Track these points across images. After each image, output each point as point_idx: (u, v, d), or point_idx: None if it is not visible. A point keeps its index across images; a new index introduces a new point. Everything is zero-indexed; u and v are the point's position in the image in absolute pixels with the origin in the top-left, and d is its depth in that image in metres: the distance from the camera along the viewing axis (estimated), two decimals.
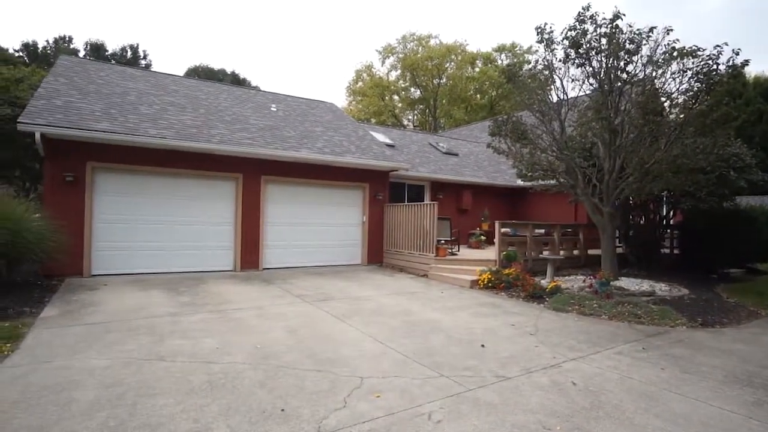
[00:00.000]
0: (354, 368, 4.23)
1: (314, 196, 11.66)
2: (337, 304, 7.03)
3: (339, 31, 62.33)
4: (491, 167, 18.07)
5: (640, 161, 7.28)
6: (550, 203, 15.41)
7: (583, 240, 12.39)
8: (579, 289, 8.08)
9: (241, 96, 13.96)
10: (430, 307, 7.07)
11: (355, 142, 12.85)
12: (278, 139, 11.21)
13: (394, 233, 12.00)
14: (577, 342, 5.38)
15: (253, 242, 10.53)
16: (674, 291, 8.24)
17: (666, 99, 7.19)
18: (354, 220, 12.27)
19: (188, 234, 9.85)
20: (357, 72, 38.06)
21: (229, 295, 7.57)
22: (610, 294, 7.39)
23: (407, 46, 35.96)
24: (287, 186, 11.26)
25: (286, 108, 14.11)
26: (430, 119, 37.01)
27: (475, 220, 15.47)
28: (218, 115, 11.45)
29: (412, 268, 11.07)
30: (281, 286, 8.60)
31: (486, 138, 23.27)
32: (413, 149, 16.74)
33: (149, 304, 6.70)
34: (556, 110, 8.46)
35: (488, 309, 7.10)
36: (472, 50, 36.42)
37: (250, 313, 6.27)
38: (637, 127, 7.20)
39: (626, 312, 6.73)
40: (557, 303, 7.31)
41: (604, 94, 7.52)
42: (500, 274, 8.96)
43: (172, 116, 10.39)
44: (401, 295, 8.01)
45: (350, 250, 12.16)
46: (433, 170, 15.09)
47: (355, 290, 8.41)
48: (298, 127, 12.58)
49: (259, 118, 12.24)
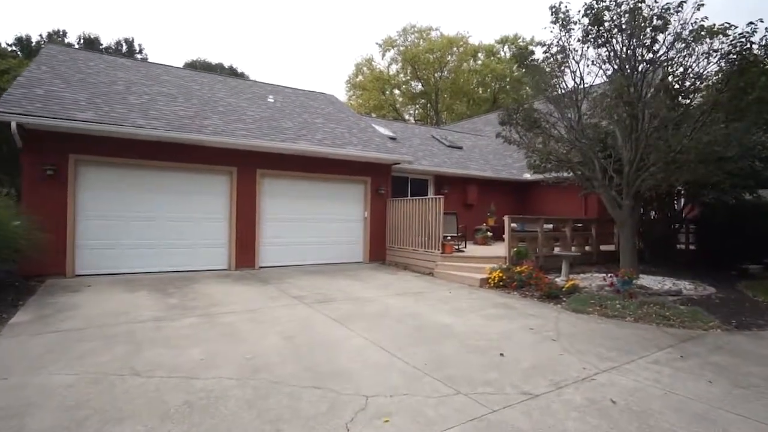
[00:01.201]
0: (357, 384, 3.68)
1: (313, 190, 11.10)
2: (337, 307, 6.48)
3: (338, 25, 61.54)
4: (496, 161, 17.48)
5: (665, 149, 6.69)
6: (558, 197, 14.83)
7: (595, 235, 11.82)
8: (598, 288, 7.51)
9: (236, 87, 13.36)
10: (439, 309, 6.51)
11: (357, 134, 12.27)
12: (275, 130, 10.63)
13: (398, 229, 11.43)
14: (606, 349, 4.82)
15: (248, 240, 9.97)
16: (699, 289, 7.68)
17: (695, 81, 6.58)
18: (355, 215, 11.71)
19: (180, 231, 9.29)
20: (357, 66, 37.37)
21: (220, 296, 7.02)
22: (633, 293, 6.83)
23: (408, 39, 35.24)
24: (285, 180, 10.69)
25: (284, 99, 13.52)
26: (432, 114, 36.36)
27: (480, 216, 14.89)
28: (212, 106, 10.86)
29: (417, 265, 10.51)
30: (278, 286, 8.04)
31: (490, 131, 22.80)
32: (416, 142, 16.16)
33: (133, 307, 6.14)
34: (572, 96, 7.86)
35: (502, 310, 6.54)
36: (474, 42, 35.75)
37: (242, 318, 5.71)
38: (663, 112, 6.60)
39: (653, 313, 6.17)
40: (576, 303, 6.74)
41: (626, 77, 6.91)
42: (512, 272, 8.39)
43: (163, 107, 9.81)
44: (407, 296, 7.45)
45: (351, 248, 11.60)
46: (437, 164, 14.51)
47: (357, 290, 7.86)
48: (296, 118, 12.00)
49: (255, 110, 11.65)
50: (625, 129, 7.49)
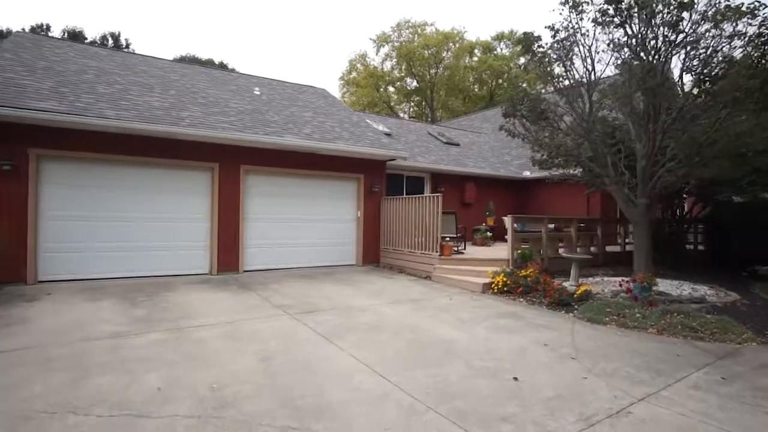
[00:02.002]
0: (346, 424, 2.98)
1: (302, 188, 10.37)
2: (326, 318, 5.77)
3: (331, 20, 60.64)
4: (494, 158, 16.84)
5: (688, 142, 6.05)
6: (559, 196, 14.21)
7: (600, 236, 11.21)
8: (612, 295, 6.87)
9: (220, 78, 12.59)
10: (440, 320, 5.82)
11: (349, 129, 11.56)
12: (260, 123, 9.88)
13: (393, 230, 10.74)
14: (635, 369, 4.15)
15: (231, 241, 9.22)
16: (721, 295, 7.06)
17: (724, 65, 5.93)
18: (347, 215, 11.00)
19: (155, 232, 8.53)
20: (351, 62, 36.57)
21: (195, 305, 6.28)
22: (653, 301, 6.19)
23: (402, 34, 34.54)
24: (271, 177, 9.95)
25: (271, 92, 12.76)
26: (427, 111, 35.69)
27: (478, 215, 14.23)
28: (191, 97, 10.09)
29: (413, 269, 9.82)
30: (261, 292, 7.31)
31: (488, 128, 22.16)
32: (411, 138, 15.48)
33: (93, 320, 5.39)
34: (584, 84, 7.21)
35: (510, 321, 5.87)
36: (471, 39, 35.10)
37: (215, 332, 4.98)
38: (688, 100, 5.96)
39: (678, 324, 5.53)
40: (591, 312, 6.09)
41: (647, 62, 6.24)
42: (517, 276, 7.73)
43: (136, 97, 9.03)
44: (403, 304, 6.76)
45: (343, 249, 10.89)
46: (433, 161, 13.83)
47: (349, 297, 7.15)
48: (283, 111, 11.26)
49: (239, 102, 10.89)
50: (641, 120, 6.85)
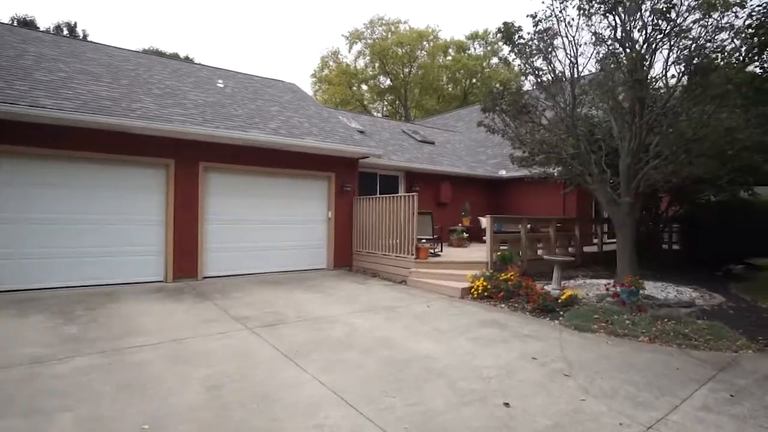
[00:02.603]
0: None
1: (269, 187, 9.67)
2: (290, 332, 5.14)
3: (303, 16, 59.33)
4: (470, 157, 16.52)
5: (677, 137, 5.75)
6: (534, 195, 13.99)
7: (579, 236, 10.98)
8: (598, 299, 6.51)
9: (180, 69, 11.70)
10: (417, 332, 5.29)
11: (318, 125, 10.91)
12: (222, 117, 9.12)
13: (366, 231, 10.17)
14: (636, 387, 3.73)
15: (189, 245, 8.43)
16: (707, 297, 6.82)
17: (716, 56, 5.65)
18: (318, 216, 10.35)
19: (101, 236, 7.67)
20: (323, 59, 35.75)
21: (141, 320, 5.53)
22: (641, 306, 5.85)
23: (375, 32, 33.99)
24: (234, 175, 9.21)
25: (237, 85, 11.96)
26: (401, 110, 35.27)
27: (454, 215, 13.85)
28: (146, 88, 9.23)
29: (388, 272, 9.28)
30: (220, 302, 6.60)
31: (462, 127, 21.86)
32: (385, 136, 14.94)
33: (13, 340, 4.59)
34: (566, 79, 6.85)
35: (493, 330, 5.39)
36: (445, 38, 34.89)
37: (159, 354, 4.28)
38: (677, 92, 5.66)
39: (670, 331, 5.18)
40: (578, 319, 5.69)
41: (635, 52, 5.90)
42: (497, 280, 7.30)
43: (80, 85, 8.12)
44: (377, 313, 6.19)
45: (313, 252, 10.24)
46: (408, 159, 13.34)
47: (317, 306, 6.53)
48: (248, 105, 10.50)
49: (200, 94, 10.08)
50: (625, 116, 6.54)
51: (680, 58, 5.72)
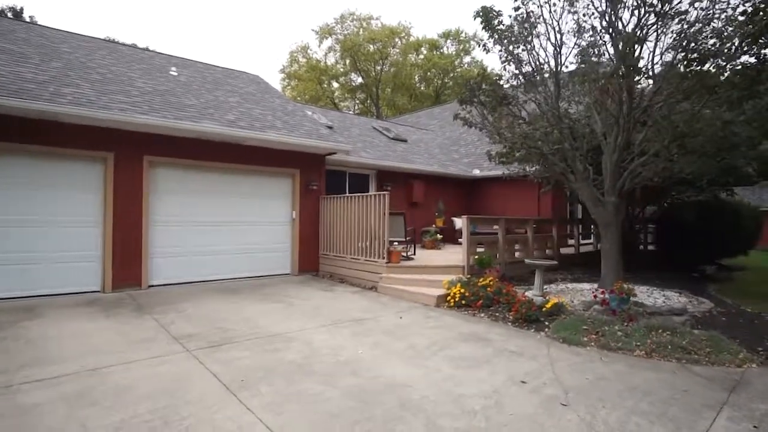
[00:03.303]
0: None
1: (226, 185, 8.78)
2: (238, 354, 4.34)
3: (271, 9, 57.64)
4: (443, 155, 15.99)
5: (670, 131, 5.29)
6: (509, 195, 13.59)
7: (556, 238, 10.58)
8: (585, 307, 6.00)
9: (128, 55, 10.60)
10: (390, 351, 4.59)
11: (282, 118, 10.07)
12: (171, 106, 8.16)
13: (334, 233, 9.41)
14: (646, 419, 3.16)
15: (131, 250, 7.46)
16: (695, 303, 6.44)
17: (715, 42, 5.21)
18: (281, 216, 9.52)
19: (24, 241, 6.61)
20: (292, 54, 34.56)
21: (56, 343, 4.59)
22: (632, 315, 5.36)
23: (346, 27, 33.14)
24: (187, 172, 8.28)
25: (193, 74, 10.96)
26: (373, 109, 34.57)
27: (427, 215, 13.28)
28: (83, 72, 8.16)
29: (357, 278, 8.56)
30: (160, 317, 5.71)
31: (435, 125, 21.35)
32: (355, 133, 14.21)
33: None
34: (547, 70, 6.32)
35: (474, 347, 4.76)
36: (417, 36, 34.44)
37: (63, 391, 3.41)
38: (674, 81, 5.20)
39: (667, 344, 4.69)
40: (566, 331, 5.14)
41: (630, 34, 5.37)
42: (475, 286, 6.71)
43: (0, 66, 7.02)
44: (343, 327, 5.46)
45: (276, 257, 9.40)
46: (379, 156, 12.65)
47: (275, 320, 5.73)
48: (204, 95, 9.55)
49: (149, 81, 9.06)
50: (611, 109, 6.06)
51: (675, 43, 5.28)
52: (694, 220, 9.15)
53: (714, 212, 9.32)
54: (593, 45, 6.52)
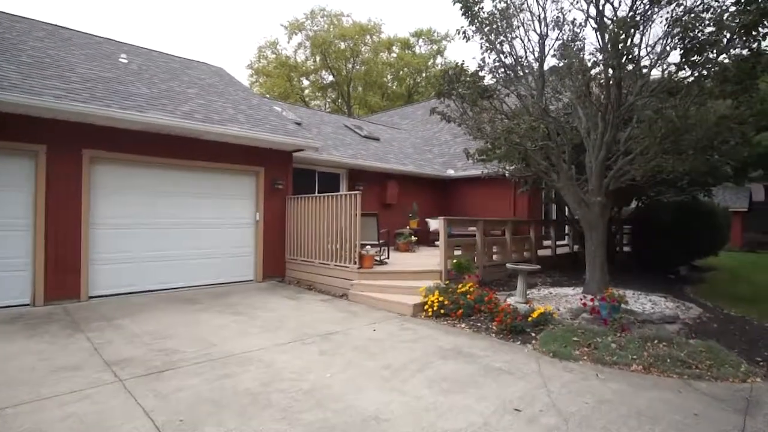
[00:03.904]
0: None
1: (183, 184, 7.97)
2: (181, 383, 3.65)
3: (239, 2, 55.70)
4: (417, 155, 15.52)
5: (666, 126, 4.94)
6: (484, 196, 13.24)
7: (534, 239, 10.27)
8: (572, 315, 5.59)
9: (72, 39, 9.57)
10: (362, 372, 4.00)
11: (246, 112, 9.30)
12: (117, 95, 7.30)
13: (302, 236, 8.74)
14: None
15: (69, 256, 6.57)
16: (683, 308, 6.15)
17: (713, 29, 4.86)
18: (244, 218, 8.77)
19: None
20: (260, 49, 33.39)
21: None
22: (625, 325, 4.97)
23: (316, 23, 32.25)
24: (136, 168, 7.44)
25: (146, 62, 10.03)
26: (344, 108, 33.84)
27: (401, 217, 12.76)
28: (10, 54, 7.19)
29: (326, 284, 7.92)
30: (96, 336, 4.91)
31: (408, 125, 20.89)
32: (326, 130, 13.53)
33: None
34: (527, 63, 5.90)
35: (457, 365, 4.23)
36: (389, 34, 33.96)
37: None
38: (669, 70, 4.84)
39: (665, 357, 4.31)
40: (555, 344, 4.69)
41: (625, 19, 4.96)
42: (455, 294, 6.21)
43: None
44: (309, 343, 4.82)
45: (239, 262, 8.65)
46: (351, 155, 12.03)
47: (232, 336, 5.04)
48: (157, 85, 8.68)
49: (92, 67, 8.13)
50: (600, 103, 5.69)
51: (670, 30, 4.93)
52: (673, 221, 9.00)
53: (691, 213, 9.23)
54: (574, 39, 6.15)
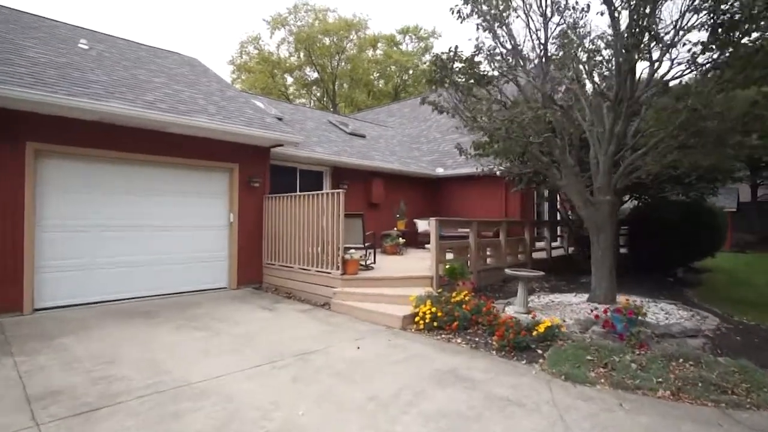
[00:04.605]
0: None
1: (146, 181, 7.19)
2: (111, 428, 2.91)
3: None
4: (404, 152, 14.88)
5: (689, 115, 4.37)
6: (474, 195, 12.71)
7: (529, 241, 9.71)
8: (581, 328, 4.98)
9: (24, 21, 8.66)
10: (342, 407, 3.32)
11: (219, 103, 8.53)
12: (70, 81, 6.47)
13: (280, 239, 8.01)
14: None
15: (6, 263, 5.74)
16: (698, 318, 5.60)
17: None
18: (216, 219, 8.00)
19: None
20: (242, 44, 32.36)
21: None
22: (644, 340, 4.39)
23: (300, 18, 31.34)
24: (92, 164, 6.64)
25: (109, 49, 9.16)
26: (330, 106, 33.03)
27: (387, 218, 12.10)
28: None
29: (307, 292, 7.22)
30: (27, 360, 4.12)
31: (395, 122, 20.24)
32: (309, 126, 12.79)
33: None
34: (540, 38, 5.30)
35: (456, 394, 3.58)
36: (374, 31, 33.23)
37: None
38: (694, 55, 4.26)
39: (695, 379, 3.72)
40: (566, 363, 4.08)
41: None
42: (449, 303, 5.57)
43: None
44: (282, 367, 4.11)
45: (210, 267, 7.88)
46: (335, 152, 11.32)
47: (190, 359, 4.30)
48: (119, 72, 7.86)
49: (46, 52, 7.28)
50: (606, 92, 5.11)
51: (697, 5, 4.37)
52: (677, 221, 8.52)
53: (694, 212, 8.77)
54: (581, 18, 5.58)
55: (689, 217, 8.65)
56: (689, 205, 8.89)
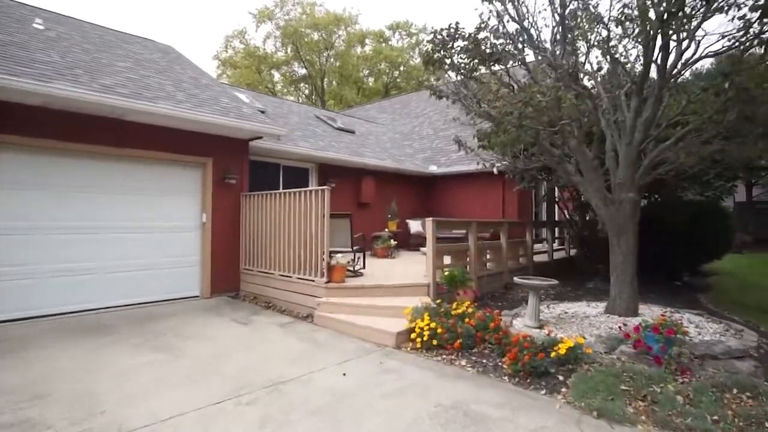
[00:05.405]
0: None
1: (105, 177, 6.34)
2: None
3: None
4: (395, 149, 14.13)
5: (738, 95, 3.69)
6: (471, 194, 12.01)
7: (531, 244, 9.03)
8: (607, 347, 4.25)
9: None
10: None
11: (190, 90, 7.68)
12: (12, 61, 5.60)
13: (259, 241, 7.21)
14: None
15: None
16: (732, 332, 4.91)
17: None
18: (186, 219, 7.16)
19: None
20: (227, 38, 31.26)
21: None
22: (686, 365, 3.68)
23: (287, 12, 30.32)
24: (39, 157, 5.77)
25: (71, 32, 8.26)
26: (318, 103, 32.12)
27: (378, 218, 11.34)
28: None
29: (288, 302, 6.42)
30: None
31: (385, 119, 19.46)
32: (294, 120, 11.97)
33: None
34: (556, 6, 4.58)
35: None
36: (363, 28, 32.39)
37: None
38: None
39: (758, 418, 3.03)
40: (597, 395, 3.35)
41: None
42: (450, 317, 4.82)
43: None
44: (247, 404, 3.32)
45: (180, 274, 7.04)
46: (321, 147, 10.53)
47: (138, 389, 3.49)
48: (77, 54, 6.98)
49: None
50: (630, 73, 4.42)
51: None
52: (690, 222, 7.90)
53: (707, 212, 8.17)
54: None
55: (705, 217, 8.03)
56: (701, 204, 8.27)
